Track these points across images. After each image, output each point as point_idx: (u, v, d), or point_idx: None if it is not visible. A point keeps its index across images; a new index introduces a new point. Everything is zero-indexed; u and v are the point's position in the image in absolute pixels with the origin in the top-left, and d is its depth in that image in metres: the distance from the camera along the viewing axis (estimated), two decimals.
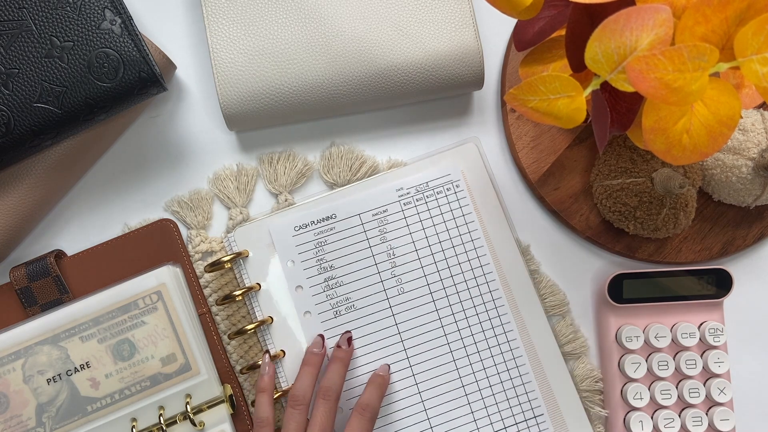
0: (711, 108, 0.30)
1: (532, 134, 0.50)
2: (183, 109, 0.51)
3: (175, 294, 0.45)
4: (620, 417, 0.48)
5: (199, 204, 0.49)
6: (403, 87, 0.47)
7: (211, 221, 0.50)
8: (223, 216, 0.50)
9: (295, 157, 0.50)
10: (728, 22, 0.29)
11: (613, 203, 0.48)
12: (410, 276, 0.48)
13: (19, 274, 0.46)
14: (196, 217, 0.49)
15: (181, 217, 0.49)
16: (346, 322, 0.48)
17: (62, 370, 0.44)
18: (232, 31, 0.47)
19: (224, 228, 0.50)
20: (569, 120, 0.32)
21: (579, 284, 0.51)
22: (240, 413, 0.47)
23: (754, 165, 0.45)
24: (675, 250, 0.50)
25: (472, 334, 0.48)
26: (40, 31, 0.41)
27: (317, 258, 0.48)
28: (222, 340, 0.48)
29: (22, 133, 0.42)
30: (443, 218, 0.49)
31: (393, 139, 0.51)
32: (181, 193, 0.50)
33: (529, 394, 0.48)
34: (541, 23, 0.37)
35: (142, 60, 0.42)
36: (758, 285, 0.52)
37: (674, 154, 0.31)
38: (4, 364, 0.44)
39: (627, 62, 0.29)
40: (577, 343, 0.49)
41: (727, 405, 0.48)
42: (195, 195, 0.49)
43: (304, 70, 0.46)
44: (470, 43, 0.47)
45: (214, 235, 0.50)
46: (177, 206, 0.49)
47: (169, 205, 0.49)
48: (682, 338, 0.48)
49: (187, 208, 0.49)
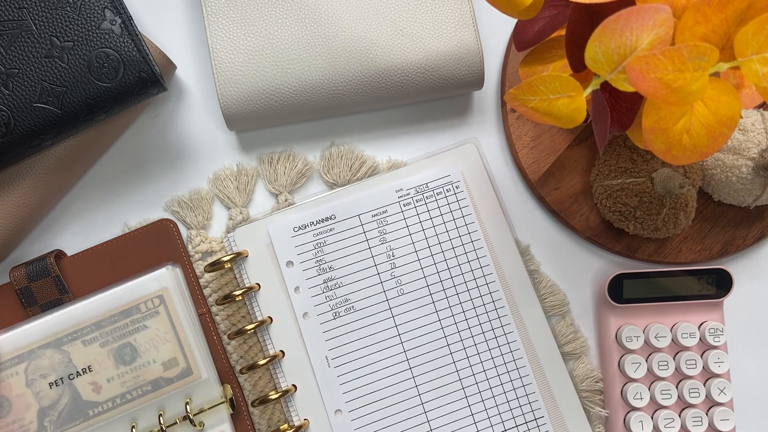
0: (711, 108, 0.30)
1: (532, 134, 0.50)
2: (183, 109, 0.51)
3: (176, 298, 0.45)
4: (620, 417, 0.48)
5: (199, 204, 0.49)
6: (403, 87, 0.47)
7: (211, 221, 0.50)
8: (223, 216, 0.50)
9: (295, 157, 0.50)
10: (728, 22, 0.29)
11: (613, 203, 0.48)
12: (410, 277, 0.48)
13: (19, 274, 0.46)
14: (196, 217, 0.49)
15: (181, 217, 0.49)
16: (345, 323, 0.47)
17: (64, 374, 0.44)
18: (232, 31, 0.47)
19: (224, 228, 0.50)
20: (569, 120, 0.32)
21: (579, 284, 0.51)
22: (240, 413, 0.47)
23: (754, 165, 0.45)
24: (675, 250, 0.50)
25: (471, 335, 0.48)
26: (40, 31, 0.41)
27: (316, 259, 0.48)
28: (222, 341, 0.48)
29: (22, 133, 0.42)
30: (443, 219, 0.49)
31: (393, 139, 0.51)
32: (181, 193, 0.50)
33: (529, 396, 0.48)
34: (541, 23, 0.37)
35: (142, 60, 0.42)
36: (758, 285, 0.52)
37: (674, 154, 0.31)
38: (6, 368, 0.44)
39: (627, 62, 0.29)
40: (577, 343, 0.49)
41: (727, 405, 0.48)
42: (195, 195, 0.49)
43: (304, 70, 0.46)
44: (470, 43, 0.47)
45: (214, 235, 0.50)
46: (177, 206, 0.49)
47: (169, 205, 0.49)
48: (682, 338, 0.48)
49: (187, 208, 0.49)
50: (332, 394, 0.47)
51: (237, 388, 0.47)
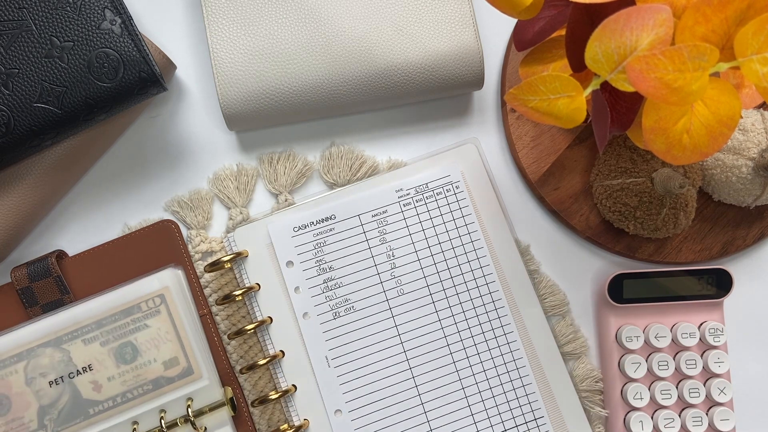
0: (711, 108, 0.30)
1: (532, 134, 0.50)
2: (183, 109, 0.51)
3: (178, 297, 0.45)
4: (620, 417, 0.48)
5: (199, 204, 0.49)
6: (403, 87, 0.47)
7: (211, 221, 0.50)
8: (223, 216, 0.50)
9: (295, 157, 0.50)
10: (728, 22, 0.29)
11: (613, 203, 0.48)
12: (410, 277, 0.48)
13: (21, 274, 0.46)
14: (196, 217, 0.49)
15: (181, 217, 0.49)
16: (345, 323, 0.47)
17: (64, 372, 0.44)
18: (232, 31, 0.47)
19: (224, 228, 0.50)
20: (569, 120, 0.32)
21: (579, 284, 0.51)
22: (241, 414, 0.47)
23: (754, 165, 0.45)
24: (675, 250, 0.50)
25: (471, 335, 0.48)
26: (40, 31, 0.41)
27: (316, 259, 0.48)
28: (222, 341, 0.48)
29: (22, 133, 0.42)
30: (443, 219, 0.49)
31: (393, 139, 0.51)
32: (181, 193, 0.50)
33: (529, 396, 0.48)
34: (541, 23, 0.37)
35: (142, 60, 0.42)
36: (758, 285, 0.52)
37: (674, 154, 0.31)
38: (6, 366, 0.44)
39: (627, 62, 0.29)
40: (577, 343, 0.49)
41: (727, 405, 0.48)
42: (195, 195, 0.49)
43: (304, 70, 0.46)
44: (470, 43, 0.47)
45: (214, 235, 0.50)
46: (177, 206, 0.49)
47: (169, 205, 0.49)
48: (682, 338, 0.48)
49: (187, 208, 0.49)
50: (332, 394, 0.47)
51: (237, 389, 0.47)
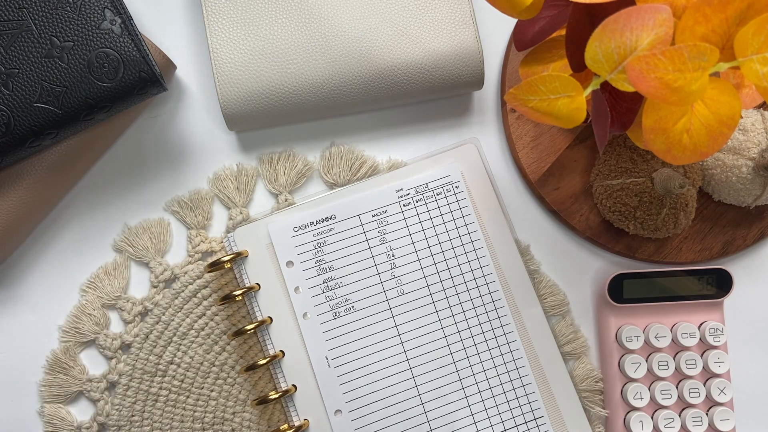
0: (711, 108, 0.30)
1: (532, 134, 0.50)
2: (183, 109, 0.51)
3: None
4: (620, 417, 0.48)
5: (199, 204, 0.49)
6: (403, 87, 0.47)
7: (211, 221, 0.50)
8: (223, 216, 0.50)
9: (295, 157, 0.50)
10: (728, 21, 0.29)
11: (613, 203, 0.48)
12: (410, 277, 0.48)
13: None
14: (196, 217, 0.49)
15: (181, 217, 0.49)
16: (345, 323, 0.47)
17: None
18: (232, 31, 0.47)
19: (224, 228, 0.50)
20: (569, 120, 0.32)
21: (579, 284, 0.51)
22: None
23: (754, 165, 0.45)
24: (675, 250, 0.50)
25: (471, 335, 0.48)
26: (40, 31, 0.41)
27: (316, 259, 0.48)
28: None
29: (22, 133, 0.42)
30: (443, 219, 0.49)
31: (393, 139, 0.51)
32: (181, 193, 0.50)
33: (529, 396, 0.48)
34: (541, 23, 0.37)
35: (142, 60, 0.42)
36: (758, 285, 0.52)
37: (674, 154, 0.31)
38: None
39: (627, 62, 0.29)
40: (577, 343, 0.49)
41: (727, 405, 0.48)
42: (195, 195, 0.49)
43: (304, 70, 0.46)
44: (470, 43, 0.47)
45: (214, 235, 0.50)
46: (177, 206, 0.49)
47: (169, 205, 0.49)
48: (682, 338, 0.48)
49: (187, 208, 0.49)
50: (332, 394, 0.47)
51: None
